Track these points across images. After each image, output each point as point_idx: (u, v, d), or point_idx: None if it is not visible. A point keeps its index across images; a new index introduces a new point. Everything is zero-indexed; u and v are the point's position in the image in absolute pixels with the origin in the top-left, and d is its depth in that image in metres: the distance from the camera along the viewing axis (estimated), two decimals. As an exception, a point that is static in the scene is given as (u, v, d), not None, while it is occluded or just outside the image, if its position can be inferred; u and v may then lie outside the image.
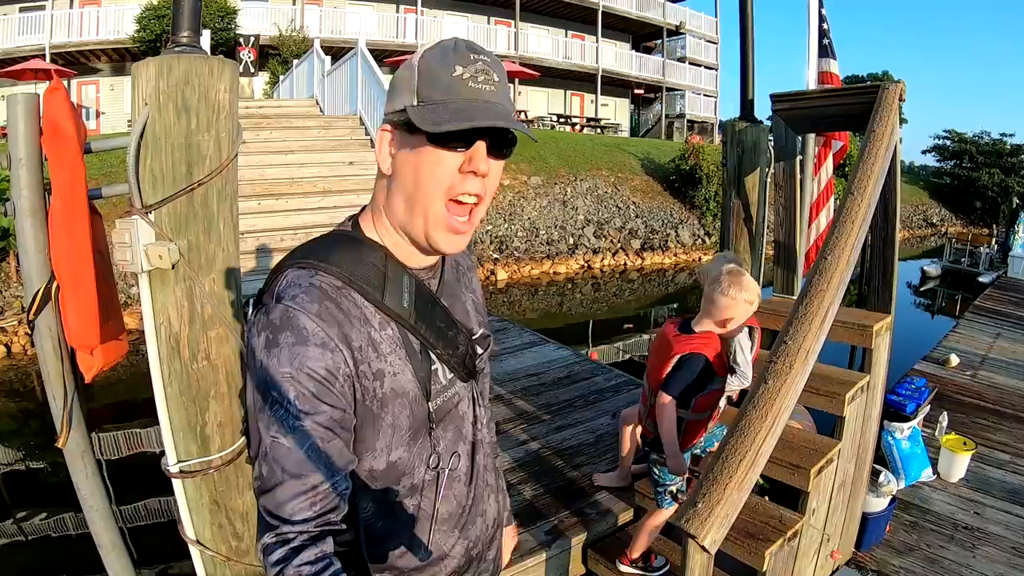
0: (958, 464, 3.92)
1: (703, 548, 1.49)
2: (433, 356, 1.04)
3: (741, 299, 2.32)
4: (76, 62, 19.33)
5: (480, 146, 0.93)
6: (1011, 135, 31.03)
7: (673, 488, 2.52)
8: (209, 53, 1.58)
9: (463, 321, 1.12)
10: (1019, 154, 30.54)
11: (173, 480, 1.68)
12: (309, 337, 0.88)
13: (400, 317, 0.99)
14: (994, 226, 21.41)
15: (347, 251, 0.99)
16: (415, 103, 0.91)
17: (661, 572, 2.69)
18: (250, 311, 0.98)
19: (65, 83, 18.16)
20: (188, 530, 1.72)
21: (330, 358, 0.89)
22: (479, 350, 1.15)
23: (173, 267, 1.49)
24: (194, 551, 1.75)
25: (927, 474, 3.89)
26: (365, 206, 1.06)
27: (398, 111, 0.94)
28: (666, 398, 2.37)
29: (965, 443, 3.98)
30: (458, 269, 1.17)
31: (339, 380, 0.90)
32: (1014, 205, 21.81)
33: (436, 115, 0.88)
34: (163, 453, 1.68)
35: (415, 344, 1.01)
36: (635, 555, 2.68)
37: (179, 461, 1.63)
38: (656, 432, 2.46)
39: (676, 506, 2.48)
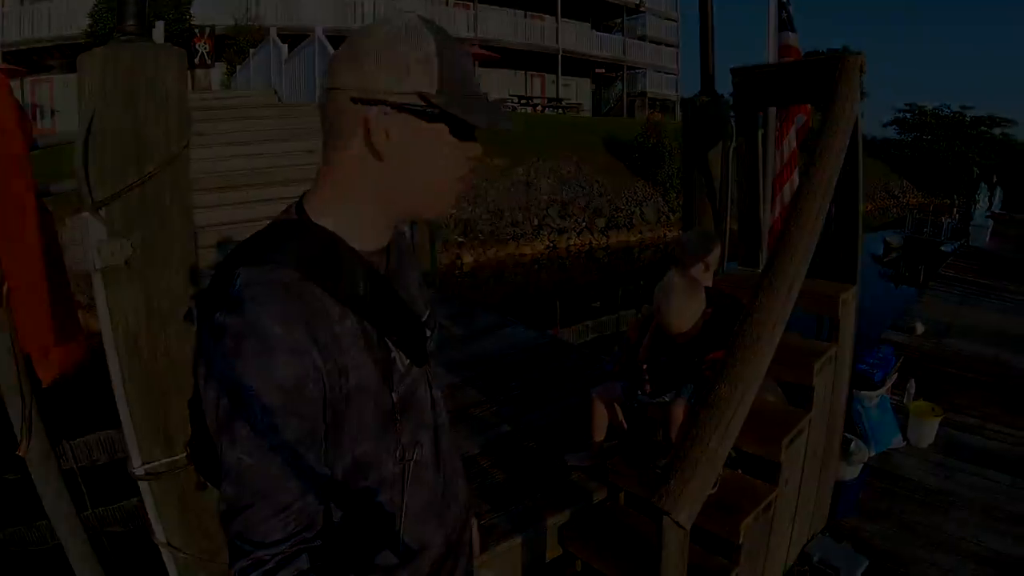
0: (927, 430, 4.01)
1: (678, 524, 1.49)
2: (390, 344, 1.01)
3: None
4: (28, 60, 18.75)
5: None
6: (971, 108, 31.99)
7: None
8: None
9: (411, 303, 1.09)
10: (978, 126, 31.39)
11: (139, 483, 1.65)
12: (275, 344, 0.82)
13: (357, 306, 0.95)
14: (954, 196, 21.85)
15: (298, 241, 0.93)
16: (435, 90, 0.86)
17: None
18: (195, 317, 0.91)
19: (18, 82, 17.71)
20: (158, 533, 1.69)
21: (299, 364, 0.83)
22: (428, 332, 1.13)
23: (127, 263, 1.45)
24: (166, 554, 1.72)
25: (897, 441, 3.96)
26: (308, 190, 0.99)
27: (404, 93, 0.87)
28: None
29: (933, 409, 4.06)
30: (400, 249, 1.13)
31: (309, 387, 0.84)
32: (974, 175, 22.28)
33: (478, 110, 0.89)
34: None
35: (372, 334, 0.98)
36: None
37: (144, 463, 1.60)
38: None
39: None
